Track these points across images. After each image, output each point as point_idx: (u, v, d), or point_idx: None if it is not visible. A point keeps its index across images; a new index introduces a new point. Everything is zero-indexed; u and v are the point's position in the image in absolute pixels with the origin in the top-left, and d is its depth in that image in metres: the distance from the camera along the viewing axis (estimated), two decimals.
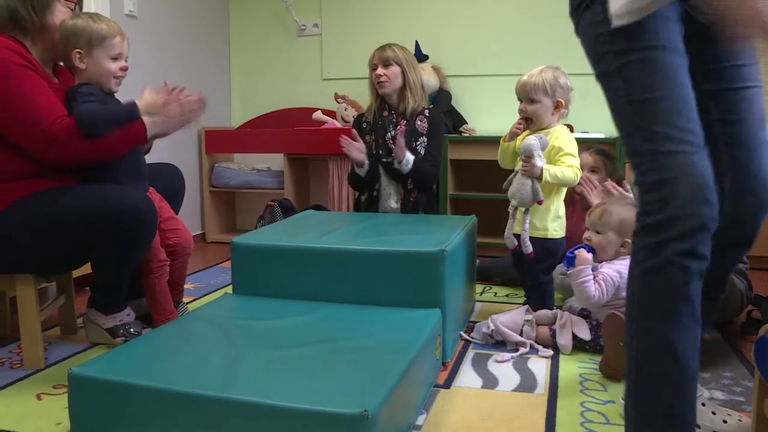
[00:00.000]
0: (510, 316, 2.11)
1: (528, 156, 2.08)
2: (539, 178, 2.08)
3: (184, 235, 2.24)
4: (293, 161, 3.91)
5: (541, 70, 2.19)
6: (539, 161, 2.07)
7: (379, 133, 2.88)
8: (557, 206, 2.21)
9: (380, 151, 2.86)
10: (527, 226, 2.12)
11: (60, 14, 1.94)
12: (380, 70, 2.83)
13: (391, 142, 2.83)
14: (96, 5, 3.00)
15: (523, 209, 2.13)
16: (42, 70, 1.90)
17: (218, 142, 3.95)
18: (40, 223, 1.84)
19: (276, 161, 4.07)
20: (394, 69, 2.83)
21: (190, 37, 3.84)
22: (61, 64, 2.05)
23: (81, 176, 1.97)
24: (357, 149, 2.82)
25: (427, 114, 2.89)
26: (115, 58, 1.96)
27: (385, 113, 2.91)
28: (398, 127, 2.86)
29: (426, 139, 2.86)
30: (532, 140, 2.08)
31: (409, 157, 2.74)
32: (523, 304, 2.29)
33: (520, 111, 2.21)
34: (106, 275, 2.01)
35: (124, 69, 1.99)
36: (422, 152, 2.83)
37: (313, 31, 4.16)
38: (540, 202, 2.10)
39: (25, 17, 1.89)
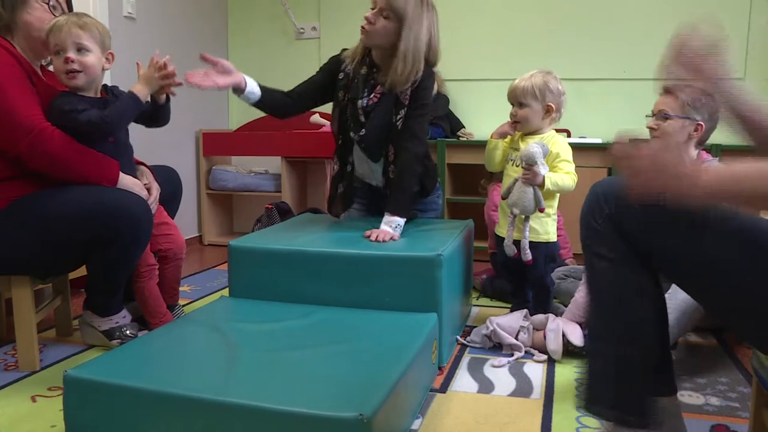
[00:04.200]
0: (507, 319, 2.11)
1: (530, 163, 2.06)
2: (541, 186, 2.07)
3: (177, 240, 2.23)
4: (291, 164, 3.91)
5: (532, 75, 2.18)
6: (543, 169, 2.06)
7: (352, 93, 2.27)
8: (555, 210, 2.21)
9: (349, 122, 2.28)
10: (527, 233, 2.11)
11: (36, 12, 1.93)
12: (372, 14, 2.14)
13: (361, 112, 2.23)
14: (94, 6, 3.00)
15: (522, 217, 2.12)
16: (28, 63, 1.90)
17: (216, 145, 3.95)
18: (37, 225, 1.84)
19: (273, 164, 4.07)
20: (389, 24, 2.12)
21: (188, 39, 3.84)
22: (43, 64, 2.05)
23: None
24: (215, 75, 2.08)
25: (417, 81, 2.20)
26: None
27: (364, 69, 2.27)
28: (372, 94, 2.24)
29: (405, 112, 2.20)
30: (534, 147, 2.06)
31: (401, 222, 2.13)
32: (511, 310, 2.29)
33: (511, 115, 2.22)
34: (101, 277, 2.00)
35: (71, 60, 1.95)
36: (400, 127, 2.20)
37: (312, 35, 4.16)
38: (542, 210, 2.08)
39: None
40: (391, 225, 2.10)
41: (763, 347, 1.22)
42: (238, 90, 2.17)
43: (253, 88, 2.20)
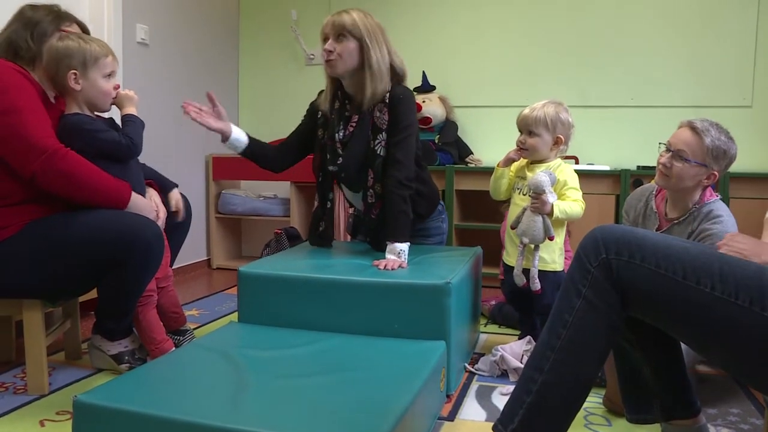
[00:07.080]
0: (512, 345, 2.13)
1: (538, 192, 2.06)
2: (550, 214, 2.07)
3: (164, 266, 2.20)
4: (300, 189, 3.93)
5: (544, 105, 2.18)
6: (551, 197, 2.06)
7: (329, 129, 2.29)
8: (562, 239, 2.21)
9: (327, 155, 2.29)
10: (537, 262, 2.11)
11: None
12: (330, 44, 2.17)
13: (339, 146, 2.26)
14: (108, 33, 3.05)
15: (532, 246, 2.11)
16: (42, 89, 1.94)
17: (225, 169, 3.98)
18: (49, 248, 1.86)
19: (283, 189, 4.10)
20: (350, 45, 2.15)
21: (199, 65, 3.89)
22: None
23: None
24: (209, 115, 2.20)
25: (388, 99, 2.18)
26: (108, 77, 1.99)
27: (337, 104, 2.29)
28: (348, 126, 2.25)
29: (386, 137, 2.19)
30: (542, 176, 2.06)
31: (403, 247, 2.12)
32: (520, 337, 2.28)
33: (519, 142, 2.21)
34: (112, 301, 2.01)
35: (117, 87, 2.03)
36: (381, 153, 2.19)
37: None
38: (551, 238, 2.08)
39: (22, 45, 1.95)
40: (395, 252, 2.10)
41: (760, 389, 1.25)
42: (224, 137, 2.25)
43: (239, 136, 2.28)
